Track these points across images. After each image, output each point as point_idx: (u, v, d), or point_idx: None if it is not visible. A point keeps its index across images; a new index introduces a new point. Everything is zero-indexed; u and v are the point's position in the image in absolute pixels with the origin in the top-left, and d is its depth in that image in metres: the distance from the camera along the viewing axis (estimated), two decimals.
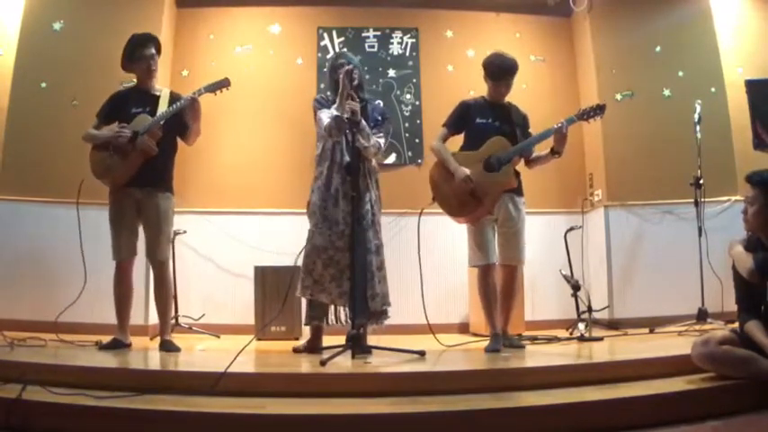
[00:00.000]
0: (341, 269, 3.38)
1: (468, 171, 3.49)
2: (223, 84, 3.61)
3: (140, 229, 3.61)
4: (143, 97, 3.63)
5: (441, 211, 3.69)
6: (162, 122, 3.50)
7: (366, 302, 3.33)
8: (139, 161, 3.48)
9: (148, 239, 3.56)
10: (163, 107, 3.55)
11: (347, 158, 3.41)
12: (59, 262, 4.36)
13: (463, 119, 3.67)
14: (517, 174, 3.65)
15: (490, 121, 3.61)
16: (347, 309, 3.41)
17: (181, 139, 3.70)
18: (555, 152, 3.57)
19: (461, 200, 3.52)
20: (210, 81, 3.63)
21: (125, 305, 3.58)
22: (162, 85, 3.87)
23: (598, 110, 3.58)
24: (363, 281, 3.31)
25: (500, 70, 3.60)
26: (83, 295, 3.67)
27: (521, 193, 3.66)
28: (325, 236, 3.40)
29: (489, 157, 3.50)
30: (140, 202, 3.54)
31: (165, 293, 3.60)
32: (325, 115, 3.48)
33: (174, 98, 3.61)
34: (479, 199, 3.50)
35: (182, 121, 3.59)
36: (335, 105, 3.44)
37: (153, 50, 3.66)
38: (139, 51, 3.62)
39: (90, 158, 3.56)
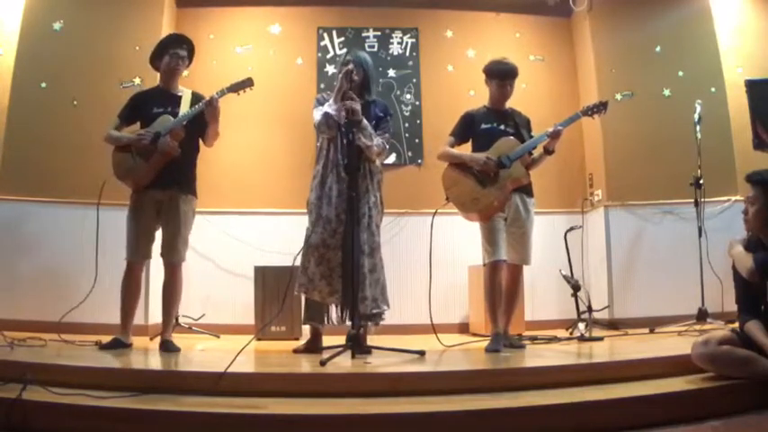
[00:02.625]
0: (331, 267, 3.37)
1: (485, 155, 3.57)
2: (246, 84, 3.57)
3: (157, 234, 3.58)
4: (165, 97, 3.60)
5: (441, 211, 3.71)
6: (184, 123, 3.47)
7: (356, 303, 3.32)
8: (162, 162, 3.44)
9: (165, 240, 3.53)
10: (185, 108, 3.52)
11: (341, 156, 3.41)
12: (59, 262, 4.36)
13: (469, 127, 3.74)
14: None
15: (495, 126, 3.69)
16: (338, 308, 3.41)
17: (202, 141, 3.67)
18: (549, 152, 3.65)
19: (474, 197, 3.57)
20: (234, 80, 3.59)
21: (131, 306, 3.57)
22: None
23: (601, 106, 3.74)
24: (357, 282, 3.30)
25: (504, 72, 3.70)
26: (87, 295, 3.67)
27: (531, 194, 3.72)
28: (318, 234, 3.39)
29: (500, 156, 3.56)
30: (161, 204, 3.51)
31: (174, 295, 3.57)
32: (318, 113, 3.48)
33: (196, 98, 3.58)
34: (493, 192, 3.54)
35: (203, 123, 3.54)
36: (329, 102, 3.44)
37: (185, 52, 3.63)
38: (173, 48, 3.60)
39: (112, 160, 3.52)
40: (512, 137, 3.64)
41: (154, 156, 3.44)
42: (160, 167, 3.45)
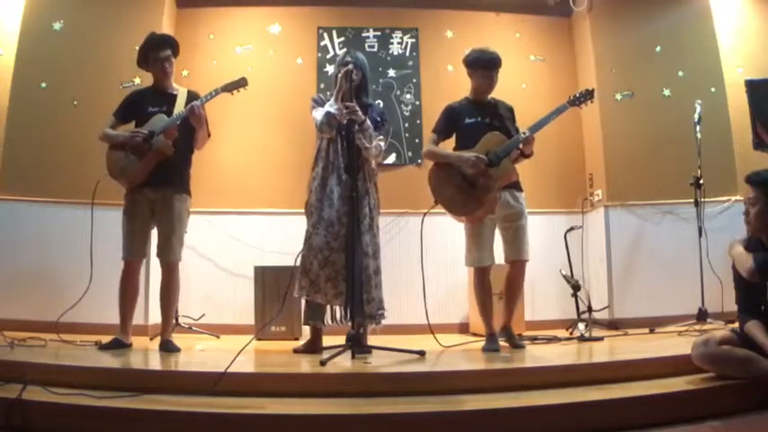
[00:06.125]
0: (337, 270, 3.36)
1: (473, 154, 3.45)
2: (240, 83, 3.58)
3: (153, 232, 3.58)
4: (160, 97, 3.61)
5: (442, 211, 3.70)
6: (178, 123, 3.47)
7: (362, 304, 3.32)
8: (155, 161, 3.45)
9: (161, 240, 3.53)
10: (180, 106, 3.52)
11: (341, 159, 3.41)
12: (59, 262, 4.36)
13: (452, 122, 3.65)
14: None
15: (479, 120, 3.60)
16: (343, 309, 3.41)
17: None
18: (526, 155, 3.53)
19: (463, 199, 3.48)
20: (227, 80, 3.59)
21: (129, 305, 3.57)
22: None
23: (587, 95, 3.63)
24: (360, 283, 3.30)
25: (491, 61, 3.60)
26: (84, 295, 3.67)
27: (520, 188, 3.64)
28: (321, 236, 3.39)
29: (487, 153, 3.47)
30: (155, 203, 3.51)
31: (171, 295, 3.57)
32: (318, 113, 3.49)
33: (191, 97, 3.58)
34: (483, 192, 3.45)
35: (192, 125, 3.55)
36: (329, 103, 3.45)
37: (168, 52, 3.63)
38: (154, 54, 3.59)
39: (106, 158, 3.54)
40: (497, 131, 3.52)
41: (147, 154, 3.44)
42: (153, 166, 3.46)
